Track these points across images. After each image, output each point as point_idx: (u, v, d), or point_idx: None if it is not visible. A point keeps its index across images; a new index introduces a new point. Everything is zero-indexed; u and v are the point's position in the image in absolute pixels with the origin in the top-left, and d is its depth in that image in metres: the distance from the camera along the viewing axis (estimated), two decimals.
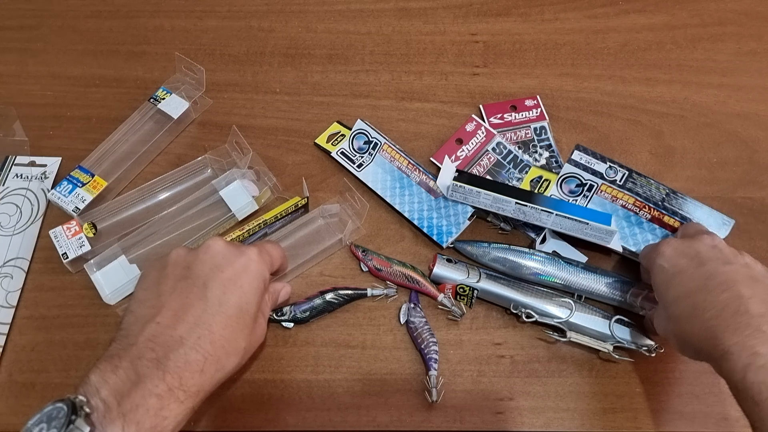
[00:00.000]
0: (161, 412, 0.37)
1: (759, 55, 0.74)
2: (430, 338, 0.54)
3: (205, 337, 0.41)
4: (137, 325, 0.41)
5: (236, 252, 0.46)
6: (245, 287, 0.44)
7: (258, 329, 0.47)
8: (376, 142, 0.63)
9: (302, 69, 0.72)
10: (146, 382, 0.37)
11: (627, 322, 0.54)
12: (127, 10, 0.76)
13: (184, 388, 0.38)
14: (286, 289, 0.54)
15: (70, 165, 0.62)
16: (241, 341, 0.43)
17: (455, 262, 0.57)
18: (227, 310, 0.42)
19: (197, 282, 0.43)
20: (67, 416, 0.34)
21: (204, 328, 0.41)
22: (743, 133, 0.68)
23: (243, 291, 0.44)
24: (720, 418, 0.52)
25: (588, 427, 0.52)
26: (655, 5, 0.78)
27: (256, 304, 0.45)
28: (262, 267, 0.47)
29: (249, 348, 0.45)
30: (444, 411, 0.52)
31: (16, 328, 0.55)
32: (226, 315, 0.42)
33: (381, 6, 0.77)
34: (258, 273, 0.46)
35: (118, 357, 0.38)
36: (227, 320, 0.42)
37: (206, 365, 0.40)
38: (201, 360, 0.40)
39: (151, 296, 0.43)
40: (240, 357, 0.44)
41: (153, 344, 0.39)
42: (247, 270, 0.45)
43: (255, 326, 0.46)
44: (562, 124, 0.68)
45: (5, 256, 0.58)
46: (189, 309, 0.41)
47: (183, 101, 0.65)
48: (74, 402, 0.35)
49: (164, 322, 0.40)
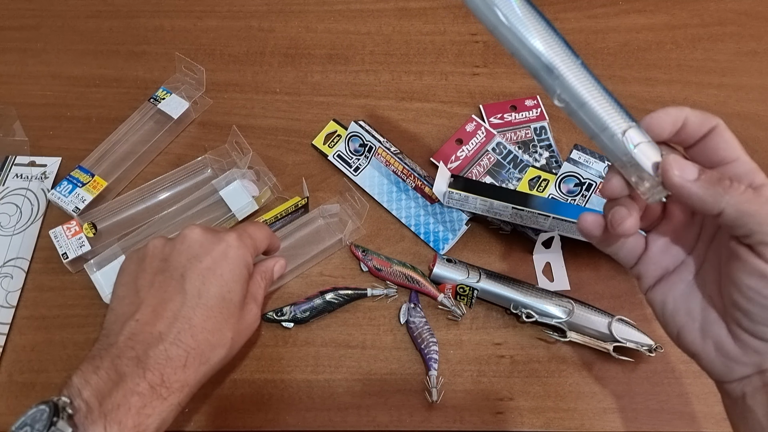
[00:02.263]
0: (144, 410, 0.36)
1: (759, 55, 0.74)
2: (430, 338, 0.54)
3: (186, 331, 0.40)
4: (117, 323, 0.41)
5: (214, 239, 0.44)
6: (225, 275, 0.43)
7: (248, 316, 0.46)
8: (371, 145, 0.63)
9: (302, 69, 0.72)
10: (127, 381, 0.37)
11: (627, 322, 0.54)
12: (127, 10, 0.76)
13: (167, 385, 0.38)
14: (279, 264, 0.51)
15: (70, 165, 0.62)
16: (227, 332, 0.42)
17: (455, 262, 0.57)
18: (207, 302, 0.42)
19: (174, 274, 0.42)
20: (49, 418, 0.33)
21: (184, 322, 0.40)
22: (743, 133, 0.68)
23: (223, 279, 0.43)
24: (720, 418, 0.52)
25: (588, 427, 0.52)
26: (655, 5, 0.78)
27: (240, 291, 0.44)
28: (243, 252, 0.45)
29: (238, 337, 0.44)
30: (444, 411, 0.52)
31: (16, 328, 0.55)
32: (207, 306, 0.41)
33: (381, 6, 0.77)
34: (238, 259, 0.44)
35: (99, 357, 0.38)
36: (208, 312, 0.41)
37: (189, 360, 0.39)
38: (183, 355, 0.39)
39: (130, 292, 0.42)
40: (227, 348, 0.43)
41: (133, 342, 0.39)
42: (226, 257, 0.44)
43: (243, 313, 0.45)
44: (562, 124, 0.68)
45: (5, 256, 0.58)
46: (167, 304, 0.41)
47: (183, 101, 0.65)
48: (57, 403, 0.35)
49: (143, 319, 0.40)
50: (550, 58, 0.36)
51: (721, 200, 0.33)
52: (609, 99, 0.36)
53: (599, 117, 0.36)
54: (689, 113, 0.36)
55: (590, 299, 0.57)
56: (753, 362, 0.35)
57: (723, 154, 0.35)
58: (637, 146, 0.35)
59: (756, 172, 0.35)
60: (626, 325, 0.54)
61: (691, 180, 0.34)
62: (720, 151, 0.35)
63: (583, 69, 0.36)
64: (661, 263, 0.39)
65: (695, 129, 0.36)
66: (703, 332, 0.36)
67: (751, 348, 0.34)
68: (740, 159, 0.35)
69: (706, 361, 0.37)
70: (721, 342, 0.35)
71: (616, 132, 0.35)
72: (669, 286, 0.38)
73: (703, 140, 0.36)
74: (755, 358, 0.34)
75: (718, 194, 0.33)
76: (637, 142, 0.35)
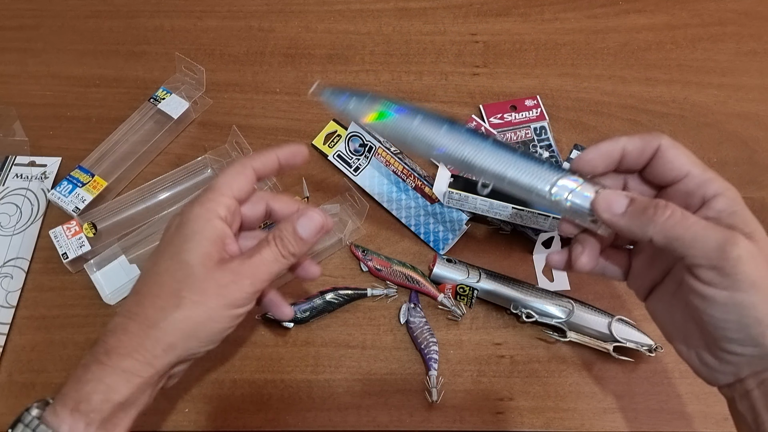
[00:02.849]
0: (83, 377, 0.36)
1: (759, 55, 0.74)
2: (430, 338, 0.54)
3: (130, 300, 0.38)
4: None
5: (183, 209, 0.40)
6: (178, 237, 0.39)
7: (225, 273, 0.38)
8: (371, 145, 0.63)
9: (302, 69, 0.72)
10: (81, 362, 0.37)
11: (627, 322, 0.54)
12: (127, 10, 0.76)
13: (109, 351, 0.36)
14: (305, 218, 0.41)
15: (70, 165, 0.62)
16: (184, 292, 0.37)
17: (455, 262, 0.57)
18: (158, 268, 0.38)
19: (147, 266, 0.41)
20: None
21: (132, 294, 0.39)
22: (743, 133, 0.68)
23: (175, 242, 0.39)
24: (720, 418, 0.52)
25: (588, 427, 0.52)
26: (655, 5, 0.78)
27: (197, 248, 0.38)
28: (199, 207, 0.39)
29: (209, 298, 0.38)
30: (444, 411, 0.52)
31: (16, 328, 0.55)
32: (156, 273, 0.38)
33: (381, 6, 0.77)
34: (193, 215, 0.39)
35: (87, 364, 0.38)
36: (156, 277, 0.38)
37: (131, 324, 0.37)
38: (124, 321, 0.37)
39: None
40: (187, 308, 0.37)
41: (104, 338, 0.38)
42: (182, 219, 0.39)
43: (217, 272, 0.38)
44: (562, 124, 0.68)
45: (5, 256, 0.58)
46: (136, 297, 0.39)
47: (183, 101, 0.65)
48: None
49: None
50: (459, 155, 0.38)
51: (647, 229, 0.34)
52: (529, 162, 0.37)
53: (524, 184, 0.37)
54: (626, 142, 0.37)
55: (590, 299, 0.57)
56: (731, 371, 0.35)
57: (671, 174, 0.36)
58: (570, 195, 0.36)
59: (709, 183, 0.35)
60: (626, 325, 0.54)
61: (619, 214, 0.35)
62: (668, 171, 0.36)
63: (494, 147, 0.38)
64: (649, 276, 0.39)
65: (636, 156, 0.37)
66: (686, 343, 0.37)
67: (724, 360, 0.35)
68: (690, 174, 0.36)
69: (694, 369, 0.38)
70: (701, 352, 0.36)
71: (543, 191, 0.37)
72: (658, 297, 0.39)
73: (651, 163, 0.37)
74: (731, 368, 0.35)
75: (644, 224, 0.34)
76: (570, 189, 0.36)
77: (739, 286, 0.32)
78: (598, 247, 0.39)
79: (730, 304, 0.32)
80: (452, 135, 0.38)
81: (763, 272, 0.32)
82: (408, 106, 0.40)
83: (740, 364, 0.34)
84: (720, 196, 0.35)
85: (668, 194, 0.37)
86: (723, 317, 0.33)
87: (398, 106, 0.40)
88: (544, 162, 0.37)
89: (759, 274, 0.32)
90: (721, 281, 0.32)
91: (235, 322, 0.40)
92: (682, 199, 0.36)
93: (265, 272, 0.39)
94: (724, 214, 0.34)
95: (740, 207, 0.34)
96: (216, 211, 0.39)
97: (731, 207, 0.34)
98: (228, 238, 0.40)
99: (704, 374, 0.37)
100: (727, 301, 0.32)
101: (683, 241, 0.33)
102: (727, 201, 0.34)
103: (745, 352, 0.34)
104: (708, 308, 0.33)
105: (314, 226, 0.41)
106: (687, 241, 0.33)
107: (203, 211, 0.39)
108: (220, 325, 0.39)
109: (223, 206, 0.39)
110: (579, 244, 0.39)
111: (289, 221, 0.41)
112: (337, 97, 0.41)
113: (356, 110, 0.41)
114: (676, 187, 0.36)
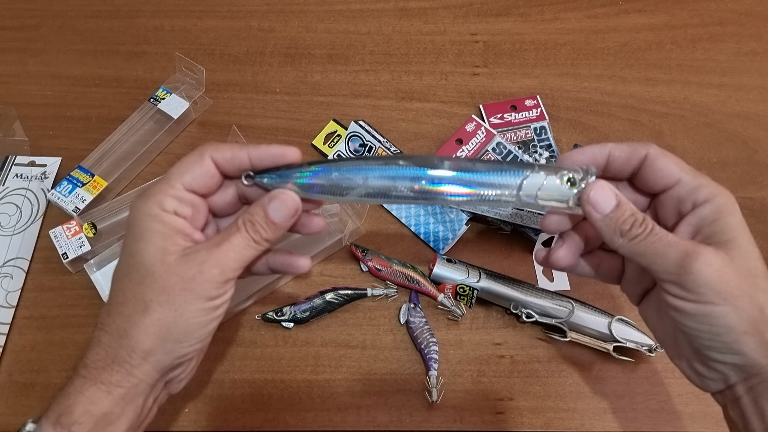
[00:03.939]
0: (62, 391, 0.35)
1: (759, 55, 0.74)
2: (430, 338, 0.54)
3: (103, 314, 0.37)
4: None
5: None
6: (127, 241, 0.37)
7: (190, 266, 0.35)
8: (371, 145, 0.63)
9: (302, 69, 0.72)
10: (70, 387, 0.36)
11: (627, 322, 0.54)
12: (127, 10, 0.76)
13: (86, 364, 0.36)
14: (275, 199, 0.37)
15: (70, 165, 0.62)
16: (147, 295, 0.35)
17: (455, 262, 0.57)
18: (118, 277, 0.37)
19: None
20: None
21: (104, 308, 0.37)
22: (743, 133, 0.68)
23: (126, 246, 0.37)
24: (720, 418, 0.52)
25: (588, 427, 0.52)
26: (655, 5, 0.78)
27: (145, 248, 0.36)
28: (143, 203, 0.36)
29: (173, 296, 0.35)
30: (444, 411, 0.52)
31: (16, 328, 0.55)
32: (117, 281, 0.37)
33: (381, 6, 0.77)
34: (137, 213, 0.36)
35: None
36: (117, 285, 0.37)
37: (103, 337, 0.36)
38: (98, 334, 0.36)
39: None
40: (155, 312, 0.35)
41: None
42: (129, 221, 0.37)
43: (178, 267, 0.35)
44: (562, 124, 0.68)
45: (5, 256, 0.58)
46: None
47: (183, 101, 0.65)
48: None
49: None
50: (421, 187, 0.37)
51: (614, 239, 0.35)
52: (490, 171, 0.37)
53: (493, 197, 0.37)
54: (612, 148, 0.37)
55: (590, 299, 0.57)
56: (720, 378, 0.35)
57: (662, 182, 0.36)
58: (539, 191, 0.36)
59: (699, 189, 0.35)
60: (626, 325, 0.54)
61: (599, 219, 0.35)
62: (659, 180, 0.36)
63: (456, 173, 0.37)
64: (641, 282, 0.40)
65: (623, 163, 0.37)
66: (676, 349, 0.37)
67: (712, 367, 0.35)
68: (681, 180, 0.36)
69: (685, 375, 0.38)
70: (690, 360, 0.36)
71: (509, 195, 0.37)
72: (649, 303, 0.39)
73: (641, 171, 0.37)
74: (719, 375, 0.35)
75: (614, 233, 0.35)
76: (537, 186, 0.36)
77: (706, 298, 0.32)
78: (580, 245, 0.39)
79: (699, 315, 0.33)
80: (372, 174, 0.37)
81: (732, 281, 0.32)
82: (325, 167, 0.38)
83: (726, 371, 0.35)
84: (707, 203, 0.35)
85: (661, 201, 0.37)
86: (696, 327, 0.33)
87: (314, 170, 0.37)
88: (508, 166, 0.37)
89: (725, 284, 0.32)
90: (686, 294, 0.33)
91: (214, 314, 0.36)
92: (675, 206, 0.36)
93: (234, 259, 0.36)
94: (705, 222, 0.35)
95: (724, 214, 0.35)
96: (162, 203, 0.36)
97: (714, 215, 0.34)
98: (187, 229, 0.37)
99: (696, 381, 0.37)
100: (696, 312, 0.33)
101: (646, 257, 0.34)
102: (711, 208, 0.35)
103: (726, 360, 0.34)
104: (682, 319, 0.34)
105: (287, 210, 0.38)
106: (649, 257, 0.34)
107: (148, 206, 0.36)
108: (197, 320, 0.36)
109: (170, 198, 0.36)
110: (560, 240, 0.39)
111: (259, 204, 0.37)
112: (261, 179, 0.38)
113: (275, 184, 0.38)
114: (669, 194, 0.36)
